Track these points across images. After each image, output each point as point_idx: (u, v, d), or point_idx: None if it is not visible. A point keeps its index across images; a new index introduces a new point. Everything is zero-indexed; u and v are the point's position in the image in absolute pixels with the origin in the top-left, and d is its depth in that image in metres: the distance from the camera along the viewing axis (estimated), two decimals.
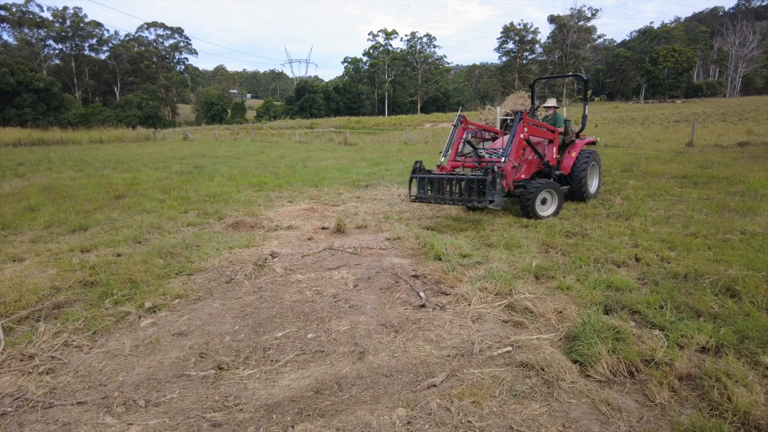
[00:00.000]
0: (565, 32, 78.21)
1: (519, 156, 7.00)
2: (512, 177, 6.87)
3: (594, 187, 8.53)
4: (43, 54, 65.26)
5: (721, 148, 16.52)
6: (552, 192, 7.19)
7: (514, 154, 6.80)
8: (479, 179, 6.39)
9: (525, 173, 7.48)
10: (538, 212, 7.03)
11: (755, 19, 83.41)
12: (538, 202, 7.04)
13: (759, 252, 4.92)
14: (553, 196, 7.22)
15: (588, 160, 8.04)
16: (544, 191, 7.12)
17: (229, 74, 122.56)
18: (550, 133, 7.69)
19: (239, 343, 3.44)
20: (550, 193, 7.20)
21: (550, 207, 7.22)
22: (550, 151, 7.75)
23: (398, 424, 2.48)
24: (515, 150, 6.79)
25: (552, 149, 7.74)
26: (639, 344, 3.15)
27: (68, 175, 13.03)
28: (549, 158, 7.73)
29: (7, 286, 4.58)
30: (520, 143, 6.93)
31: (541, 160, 7.68)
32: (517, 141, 6.80)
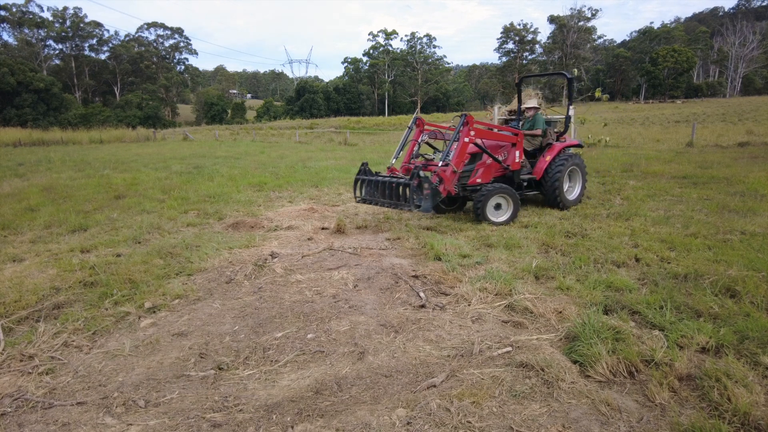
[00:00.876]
0: (565, 32, 78.20)
1: (462, 161, 6.60)
2: (452, 182, 6.47)
3: (575, 194, 8.04)
4: (43, 54, 65.27)
5: (721, 149, 16.52)
6: (506, 197, 6.87)
7: (456, 159, 6.45)
8: (405, 183, 6.23)
9: (482, 177, 7.13)
10: (491, 217, 6.76)
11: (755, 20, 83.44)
12: (490, 207, 6.78)
13: (759, 252, 4.93)
14: (508, 201, 6.90)
15: (564, 164, 7.58)
16: (498, 196, 6.82)
17: (229, 74, 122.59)
18: (509, 136, 7.33)
19: (239, 344, 3.44)
20: (504, 198, 6.89)
21: (505, 213, 6.91)
22: (512, 155, 7.32)
23: (398, 424, 2.47)
24: (458, 154, 6.47)
25: (514, 153, 7.31)
26: (639, 344, 3.15)
27: (68, 176, 13.03)
28: (511, 162, 7.31)
29: (7, 286, 4.58)
30: (464, 147, 6.55)
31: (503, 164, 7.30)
32: (461, 145, 6.48)
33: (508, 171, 7.37)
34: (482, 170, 7.13)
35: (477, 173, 7.10)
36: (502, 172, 7.34)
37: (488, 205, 6.73)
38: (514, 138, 7.32)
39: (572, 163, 7.75)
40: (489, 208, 6.75)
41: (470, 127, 6.54)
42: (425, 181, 6.08)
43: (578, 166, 7.95)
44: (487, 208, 6.73)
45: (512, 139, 7.33)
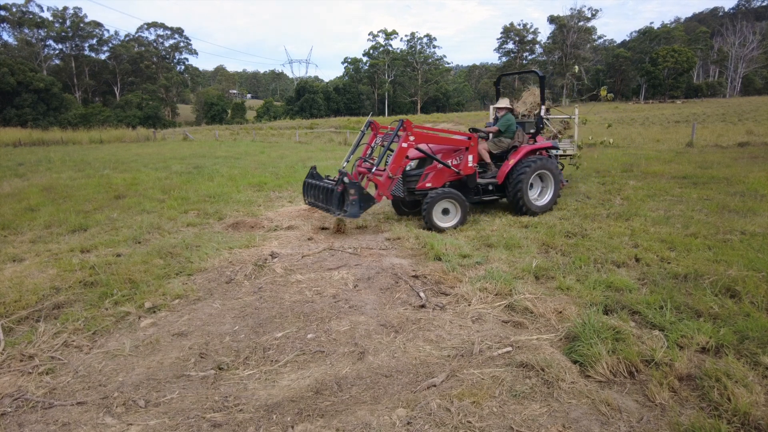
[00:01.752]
0: (565, 32, 78.20)
1: (399, 166, 6.52)
2: (389, 187, 6.48)
3: (545, 200, 7.65)
4: (43, 54, 65.24)
5: (721, 149, 16.52)
6: (454, 202, 6.74)
7: (393, 165, 6.42)
8: (331, 189, 6.27)
9: (433, 182, 6.96)
10: (438, 223, 6.60)
11: (755, 20, 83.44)
12: (437, 212, 6.63)
13: (759, 252, 4.93)
14: (456, 206, 6.76)
15: (528, 168, 7.24)
16: (445, 201, 6.67)
17: (229, 74, 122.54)
18: (459, 140, 7.14)
19: (239, 344, 3.44)
20: (452, 203, 6.75)
21: (453, 218, 6.77)
22: (466, 160, 7.10)
23: (398, 424, 2.48)
24: (395, 160, 6.42)
25: (467, 157, 7.10)
26: (639, 344, 3.15)
27: (68, 176, 13.03)
28: (463, 167, 7.09)
29: (7, 286, 4.58)
30: (402, 153, 6.49)
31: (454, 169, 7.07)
32: (399, 150, 6.43)
33: (462, 176, 7.15)
34: (433, 174, 6.96)
35: (427, 178, 6.95)
36: (455, 176, 7.12)
37: (434, 210, 6.59)
38: (465, 142, 7.11)
39: (539, 167, 7.39)
40: (436, 213, 6.61)
41: (409, 132, 6.48)
42: (350, 187, 6.12)
43: (549, 169, 7.56)
44: (434, 214, 6.58)
45: (463, 143, 7.12)
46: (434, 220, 6.57)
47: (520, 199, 7.23)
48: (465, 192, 7.15)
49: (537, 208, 7.43)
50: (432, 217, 6.55)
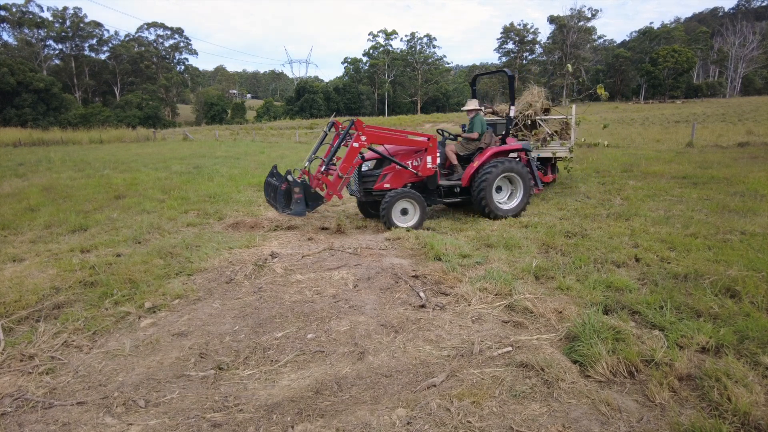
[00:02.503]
0: (565, 33, 78.22)
1: (351, 166, 6.52)
2: (339, 187, 6.45)
3: (513, 204, 7.47)
4: (43, 54, 65.21)
5: (720, 149, 16.52)
6: (413, 202, 6.72)
7: (344, 164, 6.41)
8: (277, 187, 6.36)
9: (391, 183, 6.89)
10: (397, 222, 6.60)
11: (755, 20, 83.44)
12: (396, 212, 6.63)
13: (759, 252, 4.93)
14: (414, 206, 6.76)
15: (492, 171, 7.08)
16: (404, 200, 6.66)
17: (229, 74, 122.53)
18: (416, 141, 7.03)
19: (239, 344, 3.44)
20: (410, 202, 6.72)
21: (412, 218, 6.77)
22: (424, 161, 6.99)
23: (398, 424, 2.47)
24: (346, 160, 6.42)
25: (426, 158, 6.99)
26: (639, 344, 3.15)
27: (68, 176, 13.03)
28: (422, 168, 6.99)
29: (7, 286, 4.58)
30: (353, 153, 6.47)
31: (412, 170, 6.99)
32: (350, 151, 6.42)
33: (421, 177, 7.05)
34: (391, 175, 6.91)
35: (385, 178, 6.90)
36: (415, 178, 7.04)
37: (394, 210, 6.59)
38: (424, 143, 7.00)
39: (505, 169, 7.20)
40: (395, 213, 6.62)
41: (360, 132, 6.45)
42: (294, 186, 6.18)
43: (517, 172, 7.34)
44: (393, 213, 6.58)
45: (422, 144, 7.01)
46: (393, 220, 6.57)
47: (483, 200, 7.10)
48: (427, 194, 7.11)
49: (503, 212, 7.27)
50: (391, 217, 6.55)
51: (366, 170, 7.01)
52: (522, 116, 10.00)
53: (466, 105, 7.89)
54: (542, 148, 9.72)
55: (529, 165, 8.03)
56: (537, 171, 8.18)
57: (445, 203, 7.49)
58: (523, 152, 7.91)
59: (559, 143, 9.68)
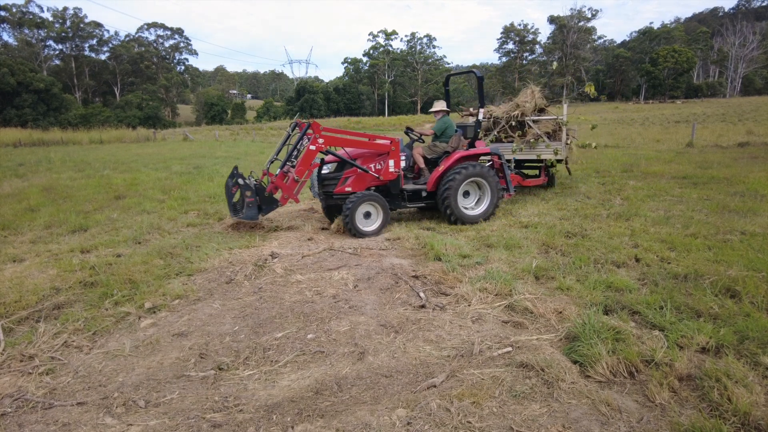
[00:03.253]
0: (565, 33, 78.26)
1: (307, 169, 6.34)
2: (295, 190, 6.31)
3: (480, 209, 7.22)
4: (44, 54, 65.22)
5: (721, 149, 16.52)
6: (375, 205, 6.53)
7: (300, 167, 6.25)
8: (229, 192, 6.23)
9: (353, 186, 6.65)
10: (360, 227, 6.39)
11: (755, 20, 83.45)
12: (359, 216, 6.42)
13: (759, 252, 4.92)
14: (377, 209, 6.57)
15: (458, 175, 6.84)
16: (366, 204, 6.45)
17: (229, 75, 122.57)
18: (378, 144, 6.82)
19: (239, 344, 3.44)
20: (373, 206, 6.54)
21: (375, 221, 6.58)
22: (387, 165, 6.78)
23: (398, 424, 2.47)
24: (302, 162, 6.25)
25: (389, 162, 6.78)
26: (639, 345, 3.15)
27: (68, 176, 13.03)
28: (384, 172, 6.77)
29: (7, 286, 4.58)
30: (310, 155, 6.30)
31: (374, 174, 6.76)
32: (306, 153, 6.25)
33: (384, 181, 6.84)
34: (353, 178, 6.69)
35: (346, 182, 6.68)
36: (378, 181, 6.83)
37: (356, 213, 6.38)
38: (386, 147, 6.81)
39: (471, 174, 6.96)
40: (358, 216, 6.41)
41: (317, 134, 6.27)
42: (246, 189, 6.04)
43: (484, 177, 7.09)
44: (356, 217, 6.37)
45: (383, 148, 6.81)
46: (357, 224, 6.37)
47: (449, 207, 6.88)
48: (391, 198, 6.94)
49: (469, 218, 7.03)
50: (354, 221, 6.35)
51: (326, 173, 6.81)
52: (506, 118, 9.71)
53: (434, 106, 7.66)
54: (526, 149, 9.40)
55: (501, 170, 7.74)
56: (510, 176, 7.85)
57: (409, 208, 7.27)
58: (495, 156, 7.70)
59: (543, 146, 9.38)
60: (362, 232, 6.40)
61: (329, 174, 6.80)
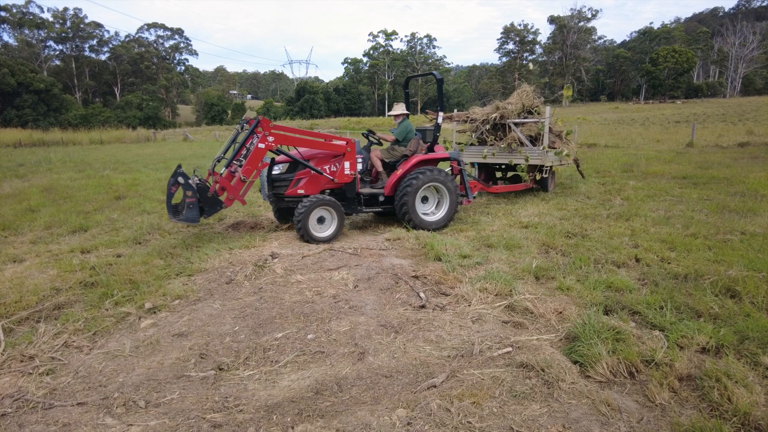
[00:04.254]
0: (565, 33, 78.29)
1: (255, 169, 5.93)
2: (241, 191, 5.92)
3: (438, 215, 6.96)
4: (44, 55, 65.28)
5: (721, 149, 16.53)
6: (330, 210, 6.23)
7: (248, 167, 5.84)
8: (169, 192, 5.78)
9: (306, 188, 6.34)
10: (313, 233, 6.07)
11: (755, 20, 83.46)
12: (312, 221, 6.10)
13: (759, 252, 4.92)
14: (332, 214, 6.27)
15: (415, 181, 6.59)
16: (320, 208, 6.14)
17: (230, 75, 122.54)
18: (333, 145, 6.50)
19: (239, 344, 3.44)
20: (327, 210, 6.23)
21: (329, 227, 6.28)
22: (342, 167, 6.46)
23: (398, 424, 2.47)
24: (250, 162, 5.84)
25: (344, 164, 6.47)
26: (639, 345, 3.15)
27: (68, 176, 13.04)
28: (339, 174, 6.45)
29: (8, 286, 4.59)
30: (259, 154, 5.90)
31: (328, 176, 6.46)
32: (255, 152, 5.85)
33: (339, 184, 6.53)
34: (306, 180, 6.36)
35: (299, 183, 6.35)
36: (333, 184, 6.52)
37: (310, 218, 6.05)
38: (341, 147, 6.48)
39: (429, 179, 6.72)
40: (311, 221, 6.07)
41: (267, 131, 5.88)
42: (187, 188, 5.57)
43: (443, 183, 6.86)
44: (309, 222, 6.03)
45: (339, 149, 6.48)
46: (309, 230, 6.05)
47: (407, 213, 6.63)
48: (347, 202, 6.66)
49: (428, 225, 6.75)
50: (307, 227, 6.03)
51: (277, 174, 6.45)
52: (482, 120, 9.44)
53: (393, 109, 7.37)
54: (499, 154, 9.16)
55: (461, 175, 7.51)
56: (469, 182, 7.60)
57: (366, 212, 7.03)
58: (455, 162, 7.49)
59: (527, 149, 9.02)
60: (315, 239, 6.07)
61: (280, 175, 6.44)
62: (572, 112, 51.28)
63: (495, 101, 9.87)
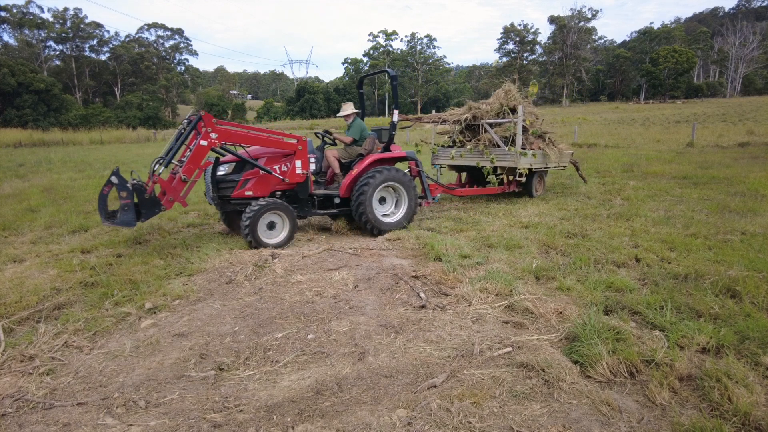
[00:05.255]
0: (565, 33, 78.30)
1: (198, 168, 5.54)
2: (182, 192, 5.51)
3: (397, 216, 6.75)
4: (44, 55, 65.29)
5: (721, 149, 16.52)
6: (281, 214, 5.87)
7: (189, 165, 5.45)
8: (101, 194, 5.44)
9: (255, 190, 5.98)
10: (263, 239, 5.73)
11: (755, 20, 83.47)
12: (262, 226, 5.75)
13: (759, 252, 4.92)
14: (283, 218, 5.91)
15: (371, 180, 6.36)
16: (270, 213, 5.78)
17: (230, 75, 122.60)
18: (282, 142, 6.17)
19: (239, 344, 3.44)
20: (278, 215, 5.87)
21: (280, 232, 5.93)
22: (293, 166, 6.14)
23: (398, 424, 2.47)
24: (191, 160, 5.46)
25: (295, 163, 6.14)
26: (639, 345, 3.15)
27: (69, 176, 13.04)
28: (290, 174, 6.12)
29: (8, 287, 4.59)
30: (201, 152, 5.52)
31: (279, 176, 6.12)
32: (197, 150, 5.48)
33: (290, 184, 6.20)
34: (254, 181, 6.00)
35: (246, 184, 5.97)
36: (284, 185, 6.19)
37: (259, 224, 5.70)
38: (292, 146, 6.14)
39: (386, 179, 6.50)
40: (260, 227, 5.72)
41: (209, 128, 5.52)
42: (121, 189, 5.15)
43: (400, 182, 6.65)
44: (258, 228, 5.70)
45: (290, 147, 6.14)
46: (259, 236, 5.72)
47: (364, 214, 6.37)
48: (299, 204, 6.35)
49: (386, 226, 6.56)
50: (256, 233, 5.69)
51: (222, 174, 6.07)
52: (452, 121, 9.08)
53: (342, 110, 7.16)
54: (467, 156, 8.82)
55: (419, 176, 7.32)
56: (428, 183, 7.41)
57: (320, 215, 6.74)
58: (412, 162, 7.24)
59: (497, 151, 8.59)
60: (265, 245, 5.74)
61: (226, 176, 6.06)
62: (572, 112, 51.29)
63: (469, 101, 9.45)
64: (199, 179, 5.65)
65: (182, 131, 5.78)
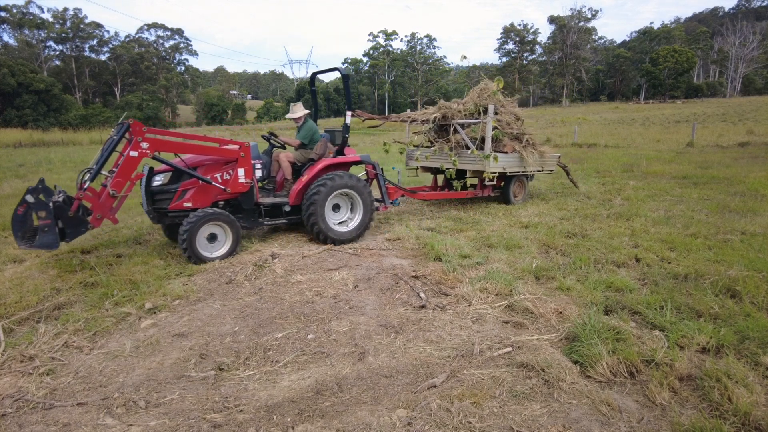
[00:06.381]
0: (565, 33, 78.29)
1: (128, 180, 5.08)
2: (111, 208, 5.09)
3: (352, 225, 6.32)
4: (44, 55, 65.28)
5: (721, 149, 16.52)
6: (222, 225, 5.46)
7: (119, 178, 4.98)
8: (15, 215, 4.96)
9: (195, 201, 5.54)
10: (202, 252, 5.32)
11: (755, 20, 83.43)
12: (201, 239, 5.34)
13: (759, 252, 4.92)
14: (225, 230, 5.50)
15: (322, 188, 5.95)
16: (210, 224, 5.36)
17: (230, 75, 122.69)
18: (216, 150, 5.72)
19: (239, 344, 3.44)
20: (219, 226, 5.46)
21: (223, 245, 5.53)
22: (235, 175, 5.72)
23: (398, 424, 2.47)
24: (121, 172, 4.99)
25: (237, 171, 5.73)
26: (639, 345, 3.15)
27: (69, 176, 13.03)
28: (233, 183, 5.69)
29: (8, 287, 4.59)
30: (132, 163, 5.04)
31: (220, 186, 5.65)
32: (126, 161, 4.99)
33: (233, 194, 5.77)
34: (193, 191, 5.56)
35: (184, 195, 5.54)
36: (226, 195, 5.75)
37: (198, 237, 5.29)
38: (233, 153, 5.72)
39: (339, 185, 6.09)
40: (199, 240, 5.32)
41: (139, 137, 5.05)
42: (39, 209, 4.66)
43: (354, 188, 6.23)
44: (197, 241, 5.28)
45: (231, 154, 5.71)
46: (198, 250, 5.30)
47: (315, 224, 5.96)
48: (245, 214, 5.97)
49: (340, 236, 6.14)
50: (195, 246, 5.26)
51: (158, 185, 5.63)
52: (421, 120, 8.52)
53: (292, 111, 6.71)
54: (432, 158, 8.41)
55: (377, 179, 6.98)
56: (386, 187, 7.07)
57: (269, 225, 6.36)
58: (369, 165, 6.89)
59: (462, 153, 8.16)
60: (206, 259, 5.34)
61: (162, 186, 5.62)
62: (572, 112, 51.27)
63: (440, 100, 8.93)
64: (130, 193, 5.23)
65: (112, 140, 5.26)
